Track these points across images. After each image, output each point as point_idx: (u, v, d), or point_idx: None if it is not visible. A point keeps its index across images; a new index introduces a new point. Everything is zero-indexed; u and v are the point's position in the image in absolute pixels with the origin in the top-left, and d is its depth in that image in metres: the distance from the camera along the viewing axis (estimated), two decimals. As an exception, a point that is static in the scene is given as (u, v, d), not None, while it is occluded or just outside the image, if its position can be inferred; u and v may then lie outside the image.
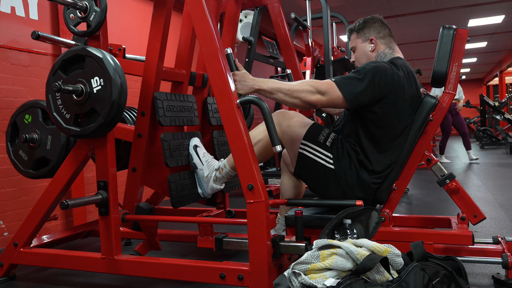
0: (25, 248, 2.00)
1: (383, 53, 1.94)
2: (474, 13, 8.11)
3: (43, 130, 2.00)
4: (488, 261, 1.79)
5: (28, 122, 2.00)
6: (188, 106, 2.15)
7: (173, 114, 2.02)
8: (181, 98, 2.11)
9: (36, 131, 1.99)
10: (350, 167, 1.79)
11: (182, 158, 2.01)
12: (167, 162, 1.92)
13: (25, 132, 2.00)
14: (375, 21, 1.98)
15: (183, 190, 1.97)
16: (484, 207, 3.32)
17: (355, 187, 1.79)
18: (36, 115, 1.98)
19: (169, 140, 1.95)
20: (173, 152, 1.96)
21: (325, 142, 1.84)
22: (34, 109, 2.00)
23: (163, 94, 1.99)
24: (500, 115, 9.82)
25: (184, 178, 1.99)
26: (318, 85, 1.69)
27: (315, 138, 1.84)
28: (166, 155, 1.92)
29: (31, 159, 2.03)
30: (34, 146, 1.99)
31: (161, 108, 1.96)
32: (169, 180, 1.91)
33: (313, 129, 1.86)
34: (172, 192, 1.92)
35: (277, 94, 1.71)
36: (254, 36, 3.77)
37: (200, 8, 1.66)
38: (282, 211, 2.18)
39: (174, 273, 1.70)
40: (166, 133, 1.95)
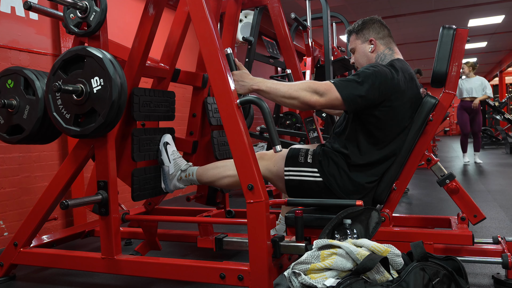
0: (25, 248, 2.00)
1: (382, 54, 1.94)
2: (474, 13, 8.11)
3: (22, 98, 1.96)
4: (488, 261, 1.79)
5: (10, 87, 1.98)
6: (165, 102, 2.18)
7: (148, 109, 2.07)
8: (159, 94, 2.15)
9: (16, 98, 1.96)
10: (339, 174, 1.79)
11: (151, 153, 2.07)
12: (134, 156, 1.99)
13: (5, 97, 1.98)
14: (374, 22, 1.97)
15: (145, 184, 2.03)
16: (484, 207, 3.32)
17: (350, 192, 1.79)
18: (19, 82, 1.95)
19: (139, 135, 2.01)
20: (142, 147, 2.01)
21: (306, 161, 1.84)
22: (17, 76, 1.96)
23: (141, 90, 2.03)
24: (500, 115, 9.81)
25: (149, 173, 2.05)
26: (317, 86, 1.69)
27: (295, 161, 1.85)
28: (134, 149, 1.98)
29: (6, 123, 1.98)
30: (12, 112, 1.96)
31: (136, 104, 2.00)
32: (133, 174, 1.99)
33: (290, 154, 1.88)
34: (134, 186, 1.98)
35: (276, 95, 1.71)
36: (254, 36, 3.77)
37: (200, 8, 1.66)
38: (284, 211, 2.18)
39: (174, 273, 1.70)
40: (136, 129, 2.01)
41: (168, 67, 2.25)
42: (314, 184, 1.81)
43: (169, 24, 2.28)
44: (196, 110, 2.42)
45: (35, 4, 1.86)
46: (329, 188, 1.79)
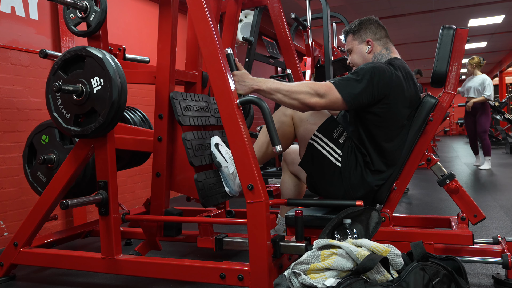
0: (25, 248, 2.00)
1: (379, 55, 1.94)
2: (474, 13, 8.11)
3: (61, 150, 1.98)
4: (488, 261, 1.79)
5: (45, 142, 1.97)
6: (203, 106, 2.13)
7: (191, 113, 2.01)
8: (197, 98, 2.10)
9: (54, 152, 1.96)
10: (355, 167, 1.79)
11: (205, 157, 1.99)
12: (192, 161, 1.89)
13: (42, 153, 1.97)
14: (371, 22, 1.97)
15: (210, 189, 1.94)
16: (484, 207, 3.32)
17: (357, 188, 1.79)
18: (53, 135, 1.96)
19: (191, 139, 1.93)
20: (196, 151, 1.93)
21: (338, 139, 1.83)
22: (51, 129, 1.97)
23: (179, 94, 1.98)
24: (500, 115, 9.80)
25: (210, 177, 1.96)
26: (317, 87, 1.69)
27: (329, 133, 1.83)
28: (189, 154, 1.89)
29: (49, 180, 1.98)
30: (52, 167, 1.96)
31: (178, 108, 1.93)
32: (196, 180, 1.88)
33: (328, 122, 1.85)
34: (200, 191, 1.89)
35: (276, 95, 1.71)
36: (254, 36, 3.77)
37: (200, 8, 1.66)
38: (283, 211, 2.18)
39: (174, 273, 1.70)
40: (186, 133, 1.94)
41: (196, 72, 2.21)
42: (332, 165, 1.81)
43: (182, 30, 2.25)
44: None
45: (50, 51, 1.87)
46: (341, 175, 1.79)
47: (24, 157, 2.17)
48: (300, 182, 2.15)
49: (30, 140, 2.14)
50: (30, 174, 2.16)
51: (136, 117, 2.59)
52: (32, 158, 2.17)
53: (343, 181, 1.79)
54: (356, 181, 1.79)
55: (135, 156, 2.55)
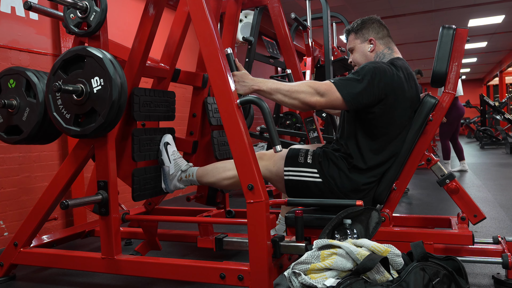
0: (25, 248, 2.00)
1: (382, 54, 1.93)
2: (474, 13, 8.11)
3: (23, 99, 1.95)
4: (488, 261, 1.79)
5: (11, 87, 1.97)
6: (166, 102, 2.18)
7: (148, 109, 2.07)
8: (160, 94, 2.15)
9: (16, 99, 1.95)
10: (339, 175, 1.78)
11: (151, 153, 2.07)
12: (134, 156, 1.99)
13: (6, 97, 1.97)
14: (373, 21, 1.96)
15: (146, 184, 2.03)
16: (484, 207, 3.32)
17: (349, 193, 1.79)
18: (21, 83, 1.94)
19: (140, 135, 2.00)
20: (142, 147, 2.01)
21: (306, 161, 1.84)
22: (20, 77, 1.95)
23: (142, 90, 2.03)
24: (500, 115, 9.82)
25: (149, 173, 2.05)
26: (317, 86, 1.69)
27: (295, 161, 1.85)
28: (134, 150, 1.98)
29: (5, 123, 1.97)
30: (12, 112, 1.95)
31: (137, 104, 2.00)
32: (133, 174, 1.98)
33: (290, 154, 1.87)
34: (134, 186, 1.98)
35: (276, 95, 1.71)
36: (254, 36, 3.77)
37: (200, 8, 1.66)
38: (284, 211, 2.18)
39: (174, 273, 1.70)
40: (137, 129, 2.00)
41: (168, 67, 2.25)
42: (313, 184, 1.80)
43: (169, 24, 2.28)
44: (196, 110, 2.42)
45: (35, 4, 1.86)
46: (328, 189, 1.79)
47: None
48: None
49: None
50: None
51: None
52: None
53: (333, 192, 1.79)
54: (345, 187, 1.78)
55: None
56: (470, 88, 19.63)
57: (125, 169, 2.11)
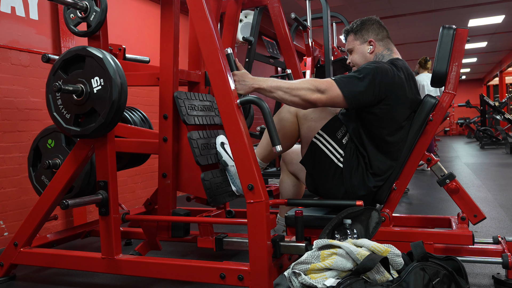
0: (25, 248, 2.00)
1: (381, 55, 1.93)
2: (474, 13, 8.11)
3: (66, 155, 1.97)
4: (488, 261, 1.79)
5: (51, 147, 1.97)
6: (207, 105, 2.13)
7: (195, 113, 2.00)
8: (201, 98, 2.10)
9: (59, 157, 1.95)
10: (357, 168, 1.79)
11: (211, 156, 1.98)
12: (198, 160, 1.89)
13: (48, 158, 1.97)
14: (373, 22, 1.95)
15: (217, 188, 1.93)
16: (484, 207, 3.32)
17: (358, 188, 1.79)
18: (59, 140, 1.95)
19: (196, 138, 1.93)
20: (202, 150, 1.93)
21: (341, 139, 1.82)
22: (57, 134, 1.97)
23: (183, 94, 1.98)
24: (500, 115, 9.82)
25: (216, 176, 1.95)
26: (318, 83, 1.69)
27: (333, 132, 1.82)
28: (195, 153, 1.89)
29: None
30: None
31: (183, 107, 1.93)
32: (203, 179, 1.87)
33: (333, 122, 1.84)
34: (207, 190, 1.88)
35: (277, 93, 1.71)
36: (254, 36, 3.77)
37: (200, 8, 1.66)
38: (282, 211, 2.18)
39: (174, 273, 1.70)
40: (192, 132, 1.93)
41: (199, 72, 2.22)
42: (333, 165, 1.80)
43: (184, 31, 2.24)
44: None
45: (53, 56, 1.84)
46: (342, 176, 1.79)
47: (29, 160, 2.16)
48: (299, 182, 2.14)
49: (36, 143, 2.13)
50: (35, 177, 2.15)
51: (136, 117, 2.58)
52: (37, 162, 2.16)
53: (344, 181, 1.79)
54: (357, 182, 1.79)
55: (135, 156, 2.54)
56: (470, 88, 19.64)
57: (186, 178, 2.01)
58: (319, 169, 1.82)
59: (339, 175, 1.79)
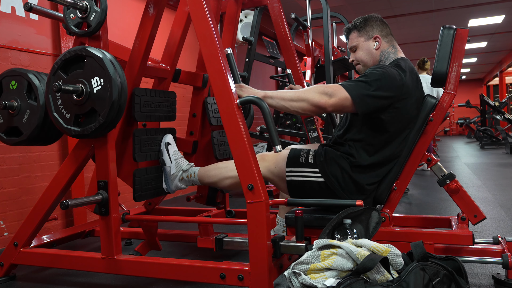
0: (25, 248, 2.00)
1: (387, 52, 1.90)
2: (474, 13, 8.11)
3: (24, 102, 1.95)
4: (488, 261, 1.79)
5: (13, 88, 1.97)
6: (166, 102, 2.18)
7: (149, 110, 2.07)
8: (160, 94, 2.15)
9: (17, 100, 1.95)
10: (342, 175, 1.77)
11: (152, 153, 2.07)
12: (135, 157, 1.98)
13: (7, 98, 1.96)
14: (376, 19, 1.93)
15: (147, 185, 2.03)
16: (484, 207, 3.32)
17: (352, 193, 1.78)
18: (22, 85, 1.94)
19: (141, 135, 2.00)
20: (143, 147, 2.01)
21: (307, 161, 1.83)
22: (21, 79, 1.94)
23: (143, 90, 2.03)
24: (500, 115, 9.82)
25: (150, 173, 2.05)
26: (325, 87, 1.68)
27: (296, 161, 1.84)
28: (135, 150, 1.98)
29: (5, 124, 1.97)
30: (12, 114, 1.95)
31: (137, 104, 2.00)
32: (134, 174, 1.98)
33: (291, 155, 1.87)
34: (135, 186, 1.98)
35: (283, 100, 1.71)
36: (254, 36, 3.77)
37: (200, 8, 1.66)
38: (282, 212, 2.18)
39: (174, 273, 1.70)
40: (138, 129, 2.00)
41: (169, 67, 2.25)
42: (316, 184, 1.80)
43: (170, 24, 2.28)
44: (196, 110, 2.42)
45: (35, 5, 1.85)
46: (330, 188, 1.78)
47: None
48: None
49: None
50: None
51: None
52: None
53: (335, 192, 1.78)
54: (348, 187, 1.77)
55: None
56: (470, 88, 19.64)
57: (126, 170, 2.11)
58: (309, 194, 1.83)
59: (327, 189, 1.79)
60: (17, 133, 1.96)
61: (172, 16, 2.39)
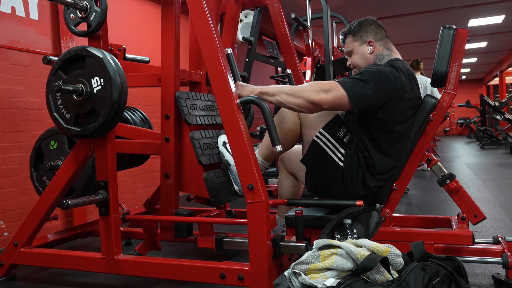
0: (25, 248, 2.00)
1: (381, 55, 1.92)
2: (474, 13, 8.11)
3: None
4: (488, 261, 1.79)
5: (54, 148, 1.97)
6: (209, 105, 2.13)
7: (197, 113, 2.01)
8: (202, 97, 2.11)
9: (61, 158, 1.96)
10: (358, 169, 1.78)
11: (213, 155, 1.98)
12: (200, 159, 1.89)
13: (50, 159, 1.97)
14: (370, 23, 1.94)
15: (220, 188, 1.93)
16: (484, 207, 3.32)
17: (358, 188, 1.79)
18: (62, 142, 1.95)
19: (199, 138, 1.93)
20: (204, 150, 1.93)
21: (343, 138, 1.81)
22: (60, 136, 1.97)
23: (185, 93, 1.98)
24: (500, 115, 9.82)
25: (218, 176, 1.95)
26: (321, 84, 1.69)
27: (334, 131, 1.81)
28: (198, 153, 1.89)
29: None
30: None
31: (185, 107, 1.94)
32: (206, 178, 1.87)
33: (334, 121, 1.83)
34: (210, 189, 1.88)
35: (280, 95, 1.71)
36: (254, 36, 3.77)
37: (200, 8, 1.66)
38: (281, 211, 2.18)
39: (174, 273, 1.70)
40: (194, 132, 1.93)
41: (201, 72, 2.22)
42: (334, 165, 1.79)
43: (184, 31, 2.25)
44: None
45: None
46: (342, 176, 1.78)
47: (31, 161, 2.16)
48: (298, 182, 2.14)
49: (38, 144, 2.12)
50: (36, 178, 2.16)
51: (136, 117, 2.59)
52: (39, 162, 2.16)
53: (344, 181, 1.79)
54: (358, 182, 1.78)
55: (135, 156, 2.55)
56: (470, 88, 19.64)
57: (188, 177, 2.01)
58: (320, 168, 1.82)
59: (339, 175, 1.79)
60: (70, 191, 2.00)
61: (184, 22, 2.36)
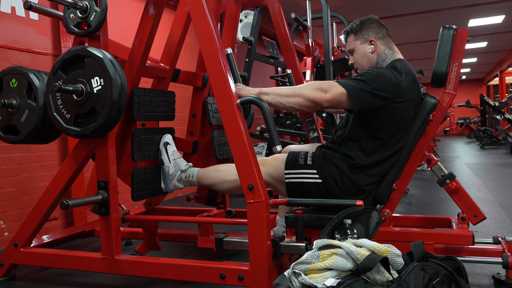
0: (25, 248, 2.00)
1: (383, 54, 1.92)
2: (474, 13, 8.11)
3: (23, 101, 1.94)
4: (488, 261, 1.79)
5: (13, 86, 1.97)
6: (166, 102, 2.19)
7: (148, 109, 2.07)
8: (160, 94, 2.15)
9: (17, 99, 1.95)
10: (340, 176, 1.78)
11: (151, 153, 2.07)
12: (134, 156, 1.99)
13: (6, 96, 1.96)
14: (372, 21, 1.94)
15: (145, 184, 2.04)
16: (484, 207, 3.32)
17: (351, 193, 1.79)
18: (22, 84, 1.93)
19: (139, 135, 2.01)
20: (142, 147, 2.02)
21: (305, 163, 1.84)
22: (22, 78, 1.94)
23: (142, 90, 2.03)
24: (500, 115, 9.81)
25: (149, 173, 2.06)
26: (320, 83, 1.70)
27: (295, 164, 1.85)
28: (134, 149, 1.98)
29: (3, 121, 1.97)
30: (11, 112, 1.94)
31: (136, 104, 2.00)
32: (133, 174, 1.98)
33: (290, 157, 1.87)
34: (133, 185, 1.98)
35: (279, 96, 1.72)
36: (254, 36, 3.77)
37: (200, 8, 1.66)
38: (281, 212, 2.18)
39: (174, 273, 1.70)
40: (136, 129, 2.00)
41: (168, 67, 2.25)
42: (315, 185, 1.80)
43: (169, 24, 2.28)
44: (196, 110, 2.43)
45: (35, 4, 1.85)
46: (329, 189, 1.79)
47: None
48: None
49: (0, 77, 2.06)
50: None
51: None
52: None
53: (334, 193, 1.79)
54: (347, 188, 1.78)
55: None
56: (470, 88, 19.64)
57: (125, 169, 2.11)
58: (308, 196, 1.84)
59: (326, 191, 1.79)
60: (15, 131, 1.96)
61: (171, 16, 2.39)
